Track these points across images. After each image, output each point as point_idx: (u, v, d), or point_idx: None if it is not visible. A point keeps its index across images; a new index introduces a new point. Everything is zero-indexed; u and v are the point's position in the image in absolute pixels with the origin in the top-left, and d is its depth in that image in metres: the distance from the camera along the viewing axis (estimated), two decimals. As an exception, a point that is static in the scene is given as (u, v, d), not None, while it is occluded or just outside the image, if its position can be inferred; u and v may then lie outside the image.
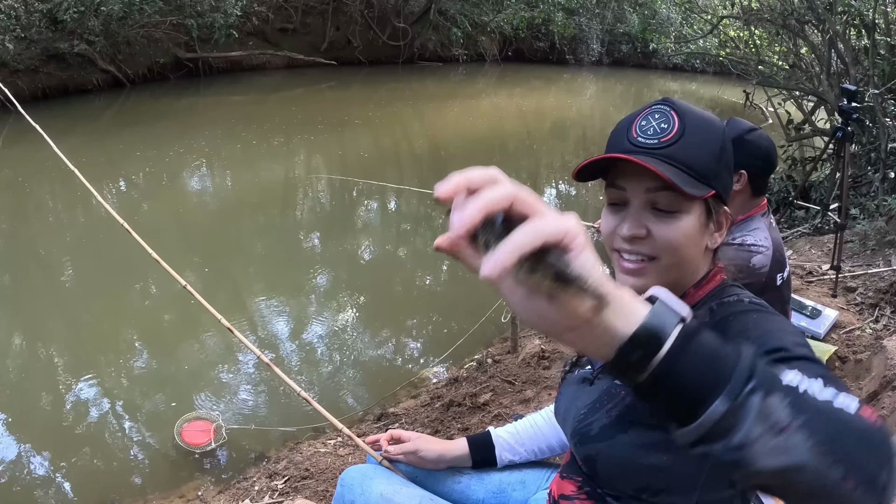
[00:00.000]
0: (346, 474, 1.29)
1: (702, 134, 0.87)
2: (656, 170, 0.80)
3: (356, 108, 10.36)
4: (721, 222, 0.90)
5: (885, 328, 2.76)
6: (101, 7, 9.64)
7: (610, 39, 19.02)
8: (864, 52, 5.15)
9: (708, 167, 0.86)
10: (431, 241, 5.73)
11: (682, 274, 0.89)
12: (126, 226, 2.00)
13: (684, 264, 0.87)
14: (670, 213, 0.85)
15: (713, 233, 0.89)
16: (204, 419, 2.87)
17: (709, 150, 0.86)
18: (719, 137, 0.88)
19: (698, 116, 0.89)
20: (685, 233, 0.85)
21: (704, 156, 0.86)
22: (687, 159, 0.85)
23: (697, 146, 0.86)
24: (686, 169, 0.84)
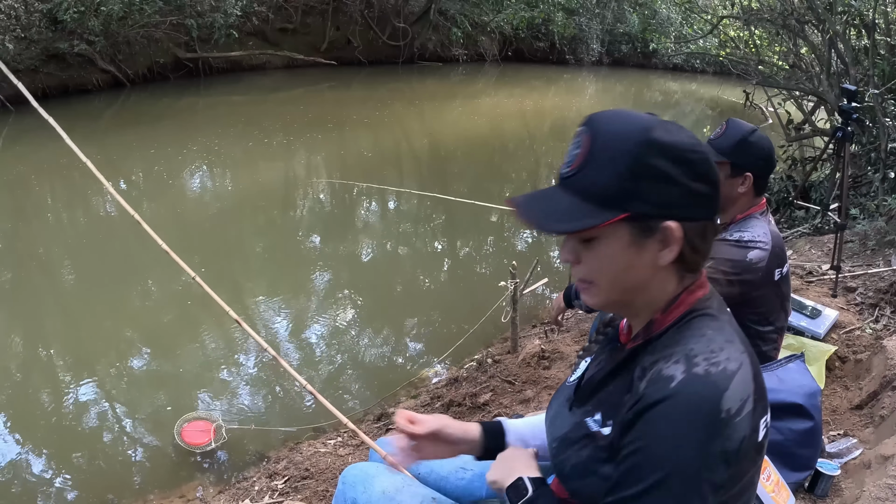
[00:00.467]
0: (348, 472, 1.28)
1: (608, 154, 0.81)
2: (521, 216, 0.82)
3: (356, 108, 10.36)
4: (667, 238, 0.82)
5: (885, 328, 2.76)
6: (101, 7, 9.63)
7: (610, 39, 19.01)
8: (864, 52, 5.15)
9: (613, 190, 0.80)
10: (431, 241, 5.75)
11: (634, 296, 0.86)
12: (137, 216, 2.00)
13: (628, 286, 0.85)
14: (589, 241, 0.84)
15: (659, 250, 0.83)
16: (204, 419, 2.87)
17: (615, 170, 0.80)
18: (631, 152, 0.80)
19: (612, 134, 0.82)
20: (608, 258, 0.83)
21: (608, 179, 0.80)
22: (587, 186, 0.82)
23: (600, 170, 0.81)
24: (585, 197, 0.81)
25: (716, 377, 0.76)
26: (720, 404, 0.75)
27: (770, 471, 1.58)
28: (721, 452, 0.75)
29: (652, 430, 0.76)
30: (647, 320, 0.88)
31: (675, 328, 0.85)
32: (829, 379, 2.47)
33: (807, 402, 1.76)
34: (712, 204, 0.84)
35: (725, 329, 0.84)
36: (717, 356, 0.78)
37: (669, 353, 0.81)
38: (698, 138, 0.84)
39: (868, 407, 2.24)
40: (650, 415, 0.76)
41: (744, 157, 1.79)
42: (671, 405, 0.75)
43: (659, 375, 0.78)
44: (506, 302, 3.14)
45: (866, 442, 2.03)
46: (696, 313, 0.85)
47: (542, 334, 3.37)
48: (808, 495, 1.83)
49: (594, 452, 0.88)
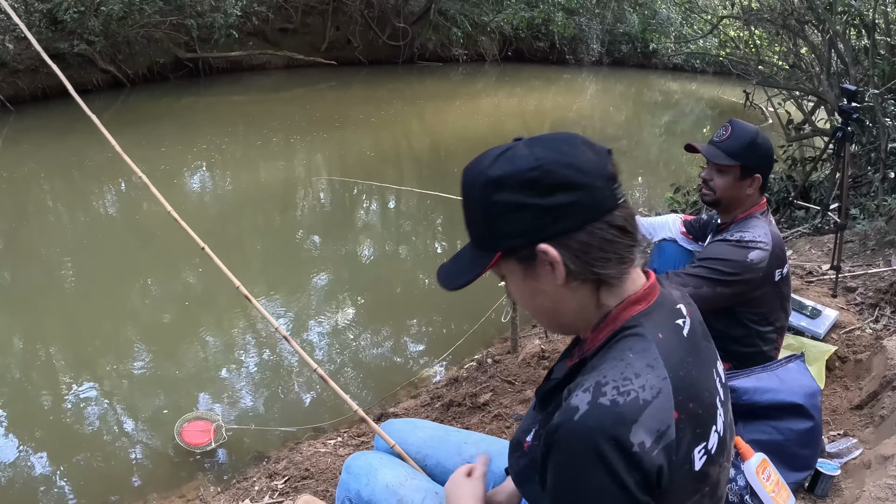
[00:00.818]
0: (353, 462, 1.28)
1: (468, 206, 0.86)
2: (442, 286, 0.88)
3: (356, 108, 10.36)
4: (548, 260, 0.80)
5: (885, 328, 2.76)
6: (101, 7, 9.64)
7: (610, 39, 19.00)
8: (864, 52, 5.15)
9: (482, 235, 0.85)
10: (431, 241, 5.74)
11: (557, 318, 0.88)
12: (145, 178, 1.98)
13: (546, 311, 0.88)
14: (505, 280, 0.89)
15: (552, 272, 0.81)
16: (204, 419, 2.87)
17: (476, 217, 0.85)
18: (477, 200, 0.83)
19: (467, 185, 0.85)
20: (516, 291, 0.88)
21: (476, 226, 0.86)
22: (472, 237, 0.88)
23: (470, 220, 0.87)
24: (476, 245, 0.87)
25: (623, 408, 0.72)
26: (629, 437, 0.71)
27: (770, 471, 1.58)
28: (627, 489, 0.72)
29: (558, 463, 0.75)
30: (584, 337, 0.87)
31: (605, 349, 0.82)
32: (829, 379, 2.47)
33: (807, 402, 1.76)
34: (583, 208, 0.79)
35: (651, 351, 0.78)
36: (629, 384, 0.74)
37: (584, 379, 0.78)
38: (542, 151, 0.80)
39: (868, 407, 2.25)
40: (556, 446, 0.75)
41: (754, 159, 1.80)
42: (573, 438, 0.73)
43: (567, 405, 0.75)
44: (506, 302, 3.14)
45: (866, 442, 2.03)
46: (625, 333, 0.81)
47: (542, 334, 3.37)
48: (808, 495, 1.83)
49: (528, 462, 0.90)
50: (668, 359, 0.78)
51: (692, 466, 0.77)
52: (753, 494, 1.52)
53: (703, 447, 0.79)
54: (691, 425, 0.77)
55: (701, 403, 0.79)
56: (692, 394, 0.78)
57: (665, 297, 0.86)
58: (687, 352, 0.82)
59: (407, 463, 1.31)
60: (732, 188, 1.83)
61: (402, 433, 1.39)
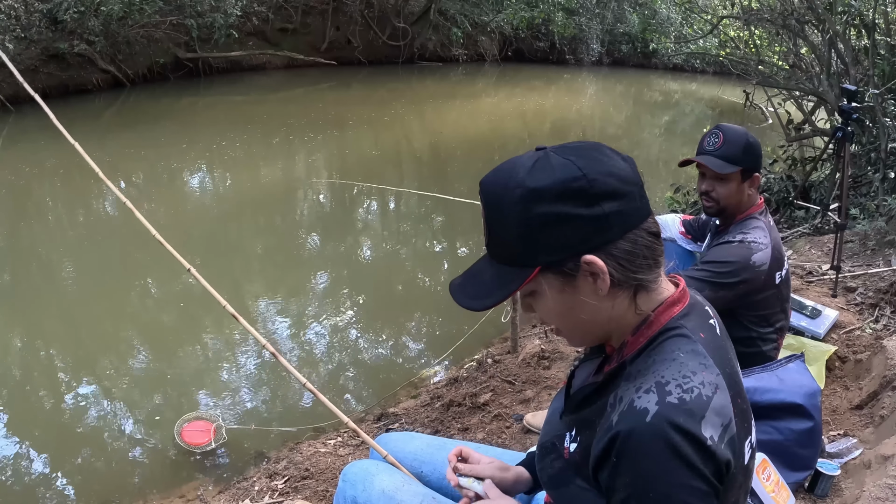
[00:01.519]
0: (349, 470, 1.28)
1: (498, 222, 0.81)
2: (462, 305, 0.84)
3: (356, 108, 10.36)
4: (592, 271, 0.80)
5: (885, 328, 2.76)
6: (101, 7, 9.64)
7: (610, 39, 19.01)
8: (864, 52, 5.15)
9: (517, 252, 0.80)
10: (431, 241, 5.74)
11: (594, 329, 0.86)
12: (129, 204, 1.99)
13: (584, 324, 0.85)
14: (531, 298, 0.85)
15: (594, 283, 0.81)
16: (204, 419, 2.87)
17: (510, 233, 0.80)
18: (513, 215, 0.79)
19: (492, 200, 0.81)
20: (551, 308, 0.84)
21: (509, 243, 0.81)
22: (499, 254, 0.83)
23: (500, 237, 0.82)
24: (504, 262, 0.83)
25: (691, 404, 0.73)
26: (701, 432, 0.72)
27: (770, 471, 1.58)
28: (708, 481, 0.73)
29: (637, 466, 0.74)
30: (621, 341, 0.87)
31: (647, 351, 0.82)
32: (829, 379, 2.47)
33: (807, 402, 1.76)
34: (627, 216, 0.79)
35: (699, 350, 0.80)
36: (690, 381, 0.75)
37: (641, 381, 0.78)
38: (579, 160, 0.79)
39: (868, 407, 2.24)
40: (630, 451, 0.74)
41: (752, 160, 1.80)
42: (650, 439, 0.73)
43: (632, 408, 0.76)
44: (506, 302, 3.13)
45: (866, 442, 2.03)
46: (669, 334, 0.82)
47: (542, 334, 3.37)
48: (808, 495, 1.83)
49: (564, 466, 0.89)
50: (715, 357, 0.80)
51: (744, 460, 0.79)
52: (753, 494, 1.52)
53: (750, 441, 0.81)
54: (742, 420, 0.79)
55: (744, 399, 0.82)
56: (738, 389, 0.81)
57: (694, 298, 0.88)
58: (725, 350, 0.85)
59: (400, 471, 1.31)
60: (736, 194, 1.82)
61: (398, 443, 1.39)
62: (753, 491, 1.52)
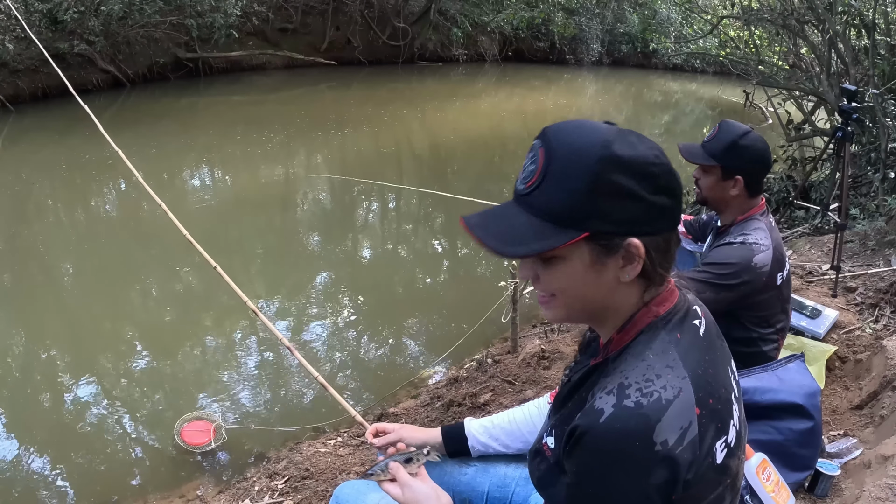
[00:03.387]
0: (340, 491, 1.30)
1: (566, 172, 0.78)
2: (477, 239, 0.78)
3: (356, 108, 10.36)
4: (631, 254, 0.80)
5: (885, 328, 2.76)
6: (101, 7, 9.64)
7: (610, 39, 18.99)
8: (864, 52, 5.15)
9: (573, 209, 0.77)
10: (431, 241, 5.74)
11: (595, 309, 0.85)
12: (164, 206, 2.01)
13: (587, 302, 0.84)
14: (549, 260, 0.81)
15: (622, 266, 0.81)
16: (204, 419, 2.87)
17: (574, 188, 0.77)
18: (590, 170, 0.77)
19: (568, 149, 0.78)
20: (568, 277, 0.81)
21: (566, 197, 0.77)
22: (546, 205, 0.79)
23: (559, 188, 0.78)
24: (544, 216, 0.78)
25: (647, 409, 0.74)
26: (652, 437, 0.72)
27: (770, 471, 1.58)
28: (659, 486, 0.73)
29: (584, 466, 0.76)
30: (608, 338, 0.87)
31: (628, 348, 0.83)
32: (829, 379, 2.47)
33: (807, 402, 1.76)
34: (674, 215, 0.82)
35: (670, 352, 0.80)
36: (651, 385, 0.76)
37: (607, 381, 0.79)
38: (659, 148, 0.81)
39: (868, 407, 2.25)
40: (581, 448, 0.76)
41: (734, 161, 1.79)
42: (600, 441, 0.74)
43: (591, 407, 0.77)
44: (506, 302, 3.14)
45: (866, 442, 2.03)
46: (646, 334, 0.83)
47: (542, 334, 3.38)
48: (808, 495, 1.83)
49: (548, 465, 0.90)
50: (686, 358, 0.80)
51: (714, 460, 0.79)
52: (753, 494, 1.52)
53: (724, 441, 0.81)
54: (712, 420, 0.79)
55: (719, 399, 0.82)
56: (710, 391, 0.81)
57: (682, 298, 0.88)
58: (704, 350, 0.84)
59: None
60: (715, 188, 1.84)
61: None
62: (753, 491, 1.52)
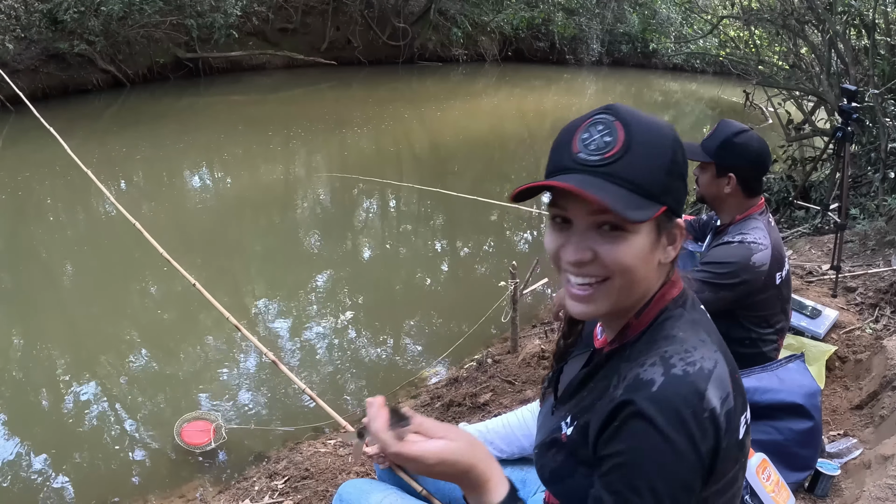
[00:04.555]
0: (344, 489, 1.30)
1: (650, 147, 0.79)
2: (596, 198, 0.75)
3: (356, 108, 10.35)
4: (675, 235, 0.84)
5: (885, 328, 2.76)
6: (101, 7, 9.64)
7: (610, 39, 18.99)
8: (864, 52, 5.15)
9: (656, 183, 0.79)
10: (431, 240, 5.74)
11: (633, 295, 0.84)
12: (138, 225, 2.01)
13: (636, 284, 0.83)
14: (617, 234, 0.80)
15: (666, 247, 0.84)
16: (204, 419, 2.87)
17: (657, 163, 0.79)
18: (669, 148, 0.81)
19: (646, 125, 0.80)
20: (635, 253, 0.80)
21: (652, 171, 0.79)
22: (633, 177, 0.78)
23: (644, 161, 0.79)
24: (632, 187, 0.78)
25: (694, 376, 0.76)
26: (703, 403, 0.74)
27: (770, 471, 1.58)
28: (708, 451, 0.75)
29: (640, 437, 0.75)
30: (623, 324, 0.87)
31: (650, 331, 0.84)
32: (829, 379, 2.47)
33: (807, 402, 1.76)
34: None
35: (698, 328, 0.83)
36: (691, 356, 0.78)
37: (644, 358, 0.80)
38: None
39: (868, 407, 2.25)
40: (634, 420, 0.75)
41: (727, 158, 1.80)
42: (657, 407, 0.74)
43: (638, 381, 0.77)
44: (506, 302, 3.13)
45: (866, 442, 2.03)
46: (668, 314, 0.84)
47: (542, 334, 3.37)
48: (808, 495, 1.83)
49: (565, 455, 0.89)
50: (711, 335, 0.84)
51: (738, 434, 0.80)
52: (753, 494, 1.52)
53: (745, 417, 0.83)
54: (738, 395, 0.81)
55: (739, 375, 0.84)
56: (733, 367, 0.84)
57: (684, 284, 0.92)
58: (717, 331, 0.88)
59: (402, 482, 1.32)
60: (710, 186, 1.85)
61: None
62: (753, 491, 1.52)
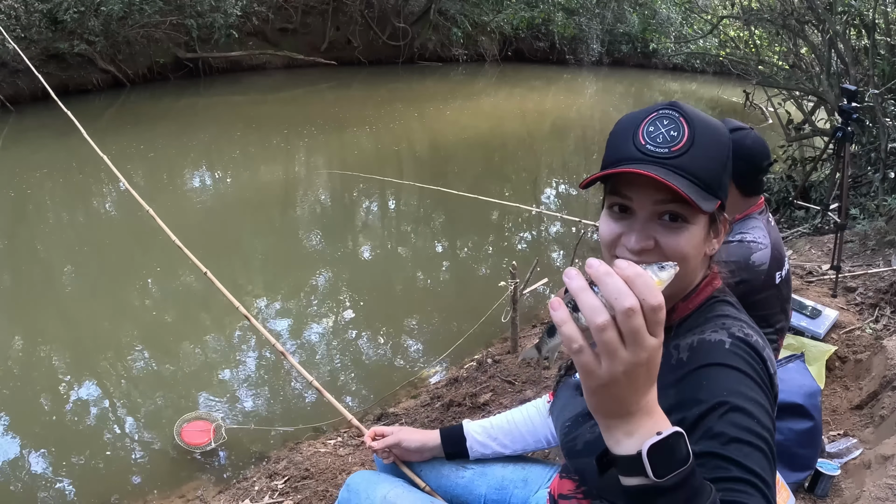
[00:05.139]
0: (352, 479, 1.31)
1: (711, 143, 0.85)
2: (673, 185, 0.79)
3: (356, 108, 10.36)
4: (720, 229, 0.89)
5: (885, 328, 2.76)
6: (101, 7, 9.64)
7: (610, 39, 18.99)
8: (864, 52, 5.15)
9: (716, 178, 0.84)
10: (431, 240, 5.74)
11: (683, 283, 0.89)
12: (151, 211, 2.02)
13: (689, 274, 0.87)
14: (678, 225, 0.84)
15: (712, 239, 0.89)
16: (204, 419, 2.87)
17: (717, 160, 0.85)
18: (727, 146, 0.87)
19: (706, 124, 0.86)
20: (693, 243, 0.85)
21: (713, 166, 0.84)
22: (697, 170, 0.83)
23: (707, 156, 0.84)
24: (696, 180, 0.82)
25: (753, 341, 0.83)
26: (766, 363, 0.82)
27: (770, 471, 1.58)
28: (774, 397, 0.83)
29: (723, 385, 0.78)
30: (670, 307, 0.90)
31: (696, 313, 0.89)
32: (829, 379, 2.47)
33: (807, 402, 1.76)
34: None
35: (742, 315, 0.89)
36: (745, 329, 0.85)
37: (701, 329, 0.86)
38: None
39: (868, 407, 2.25)
40: (714, 373, 0.80)
41: None
42: (734, 361, 0.80)
43: (704, 342, 0.83)
44: (506, 302, 3.14)
45: (866, 442, 2.03)
46: (718, 298, 0.90)
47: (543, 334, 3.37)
48: (808, 495, 1.83)
49: None
50: (752, 322, 0.90)
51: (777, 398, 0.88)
52: (753, 494, 1.52)
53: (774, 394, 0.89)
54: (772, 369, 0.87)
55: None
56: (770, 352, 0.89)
57: None
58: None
59: (407, 477, 1.32)
60: None
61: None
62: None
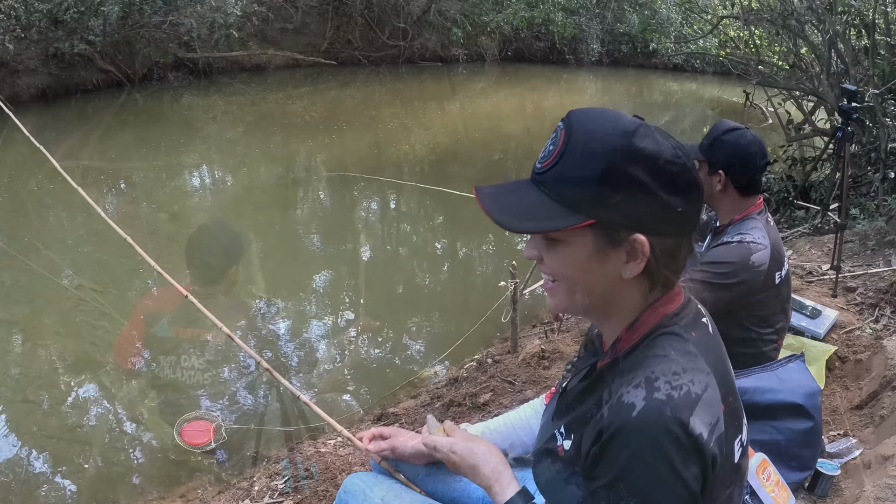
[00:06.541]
0: (349, 481, 1.30)
1: (581, 156, 0.77)
2: (486, 211, 0.78)
3: (356, 108, 10.36)
4: (635, 251, 0.79)
5: (885, 328, 2.76)
6: (101, 7, 9.64)
7: (610, 39, 18.98)
8: (864, 52, 5.15)
9: (580, 194, 0.77)
10: (431, 240, 5.74)
11: (595, 302, 0.84)
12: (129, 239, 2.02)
13: (587, 292, 0.82)
14: (552, 242, 0.81)
15: (625, 262, 0.80)
16: (204, 419, 2.87)
17: (585, 173, 0.77)
18: (604, 158, 0.76)
19: (590, 133, 0.77)
20: (570, 262, 0.80)
21: (578, 181, 0.77)
22: (557, 186, 0.78)
23: (572, 170, 0.78)
24: (556, 197, 0.78)
25: (679, 401, 0.73)
26: (688, 430, 0.72)
27: (770, 471, 1.58)
28: (693, 477, 0.73)
29: (621, 463, 0.74)
30: (615, 336, 0.86)
31: (640, 348, 0.82)
32: (829, 379, 2.47)
33: (807, 402, 1.76)
34: (687, 221, 0.80)
35: (690, 349, 0.80)
36: (679, 378, 0.75)
37: (631, 376, 0.78)
38: (684, 148, 0.80)
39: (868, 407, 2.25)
40: (615, 445, 0.74)
41: (715, 155, 1.81)
42: (636, 434, 0.73)
43: (620, 403, 0.76)
44: (506, 302, 3.14)
45: (866, 442, 2.03)
46: (661, 331, 0.82)
47: (542, 334, 3.38)
48: (808, 495, 1.83)
49: (561, 467, 0.88)
50: (706, 355, 0.80)
51: (733, 459, 0.79)
52: (753, 494, 1.52)
53: (740, 439, 0.81)
54: (733, 419, 0.79)
55: (736, 397, 0.82)
56: (729, 388, 0.81)
57: (688, 297, 0.88)
58: (717, 348, 0.84)
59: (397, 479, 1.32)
60: (704, 185, 1.85)
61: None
62: (753, 491, 1.52)
